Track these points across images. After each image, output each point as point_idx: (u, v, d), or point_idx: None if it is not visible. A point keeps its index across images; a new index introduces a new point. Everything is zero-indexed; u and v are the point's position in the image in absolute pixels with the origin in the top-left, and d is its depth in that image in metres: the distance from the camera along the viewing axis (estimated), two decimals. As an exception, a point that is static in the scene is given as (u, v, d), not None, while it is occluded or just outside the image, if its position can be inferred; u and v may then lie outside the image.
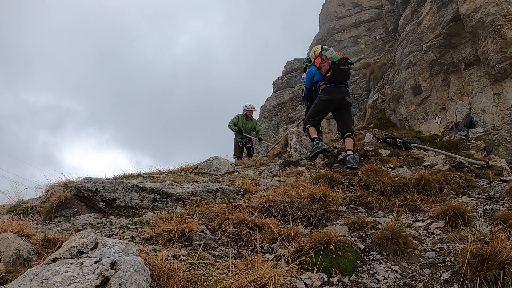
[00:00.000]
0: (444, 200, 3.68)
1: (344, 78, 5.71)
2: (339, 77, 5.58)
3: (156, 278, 1.45)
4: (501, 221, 2.74)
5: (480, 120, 14.41)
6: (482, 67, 14.25)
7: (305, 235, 2.28)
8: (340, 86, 5.67)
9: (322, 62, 5.71)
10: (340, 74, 5.56)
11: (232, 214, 2.59)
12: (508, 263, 1.84)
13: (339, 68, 5.56)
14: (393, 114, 19.78)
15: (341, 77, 5.62)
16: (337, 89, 5.61)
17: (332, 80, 5.59)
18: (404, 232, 2.43)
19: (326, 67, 5.62)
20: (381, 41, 27.51)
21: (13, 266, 1.64)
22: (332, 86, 5.63)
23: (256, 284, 1.54)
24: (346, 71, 5.64)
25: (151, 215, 2.78)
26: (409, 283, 1.94)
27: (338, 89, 5.62)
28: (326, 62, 5.63)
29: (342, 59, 5.69)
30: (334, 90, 5.61)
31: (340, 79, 5.63)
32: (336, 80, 5.57)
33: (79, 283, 1.23)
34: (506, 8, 12.81)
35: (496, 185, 4.77)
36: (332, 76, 5.55)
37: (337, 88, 5.62)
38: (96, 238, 1.52)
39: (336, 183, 3.87)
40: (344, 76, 5.65)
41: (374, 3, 28.59)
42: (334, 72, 5.54)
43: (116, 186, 3.14)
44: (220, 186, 3.79)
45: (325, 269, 1.95)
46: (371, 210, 3.39)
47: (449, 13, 14.92)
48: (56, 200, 2.97)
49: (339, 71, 5.55)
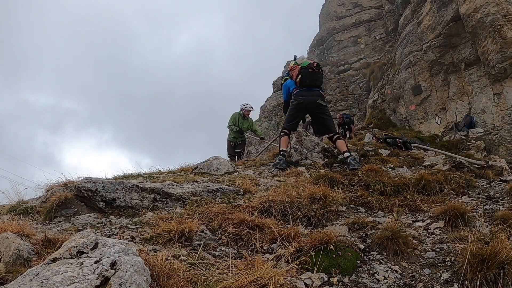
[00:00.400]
0: (444, 200, 3.68)
1: (314, 81, 5.68)
2: (308, 80, 5.61)
3: (156, 278, 1.45)
4: (501, 221, 2.74)
5: (480, 120, 14.41)
6: (482, 67, 14.25)
7: (305, 235, 2.28)
8: (311, 90, 5.66)
9: (293, 69, 5.85)
10: (309, 77, 5.60)
11: (232, 214, 2.59)
12: (508, 263, 1.84)
13: (308, 71, 5.63)
14: (393, 114, 19.78)
15: (311, 80, 5.63)
16: (308, 92, 5.63)
17: (302, 84, 5.65)
18: (404, 232, 2.43)
19: (296, 72, 5.75)
20: (381, 41, 27.52)
21: (13, 266, 1.64)
22: (302, 90, 5.67)
23: (256, 284, 1.54)
24: (315, 74, 5.68)
25: (151, 215, 2.78)
26: (409, 283, 1.95)
27: (309, 93, 5.63)
28: (296, 68, 5.77)
29: (312, 63, 5.78)
30: (305, 94, 5.63)
31: (310, 83, 5.64)
32: (306, 84, 5.62)
33: (79, 283, 1.23)
34: (506, 8, 12.81)
35: (496, 185, 4.77)
36: (302, 80, 5.62)
37: (308, 91, 5.63)
38: (96, 238, 1.52)
39: (336, 183, 3.87)
40: (313, 79, 5.66)
41: (374, 3, 28.59)
42: (303, 75, 5.62)
43: (116, 186, 3.14)
44: (220, 186, 3.79)
45: (325, 269, 1.95)
46: (371, 210, 3.39)
47: (449, 13, 14.93)
48: (56, 200, 2.96)
49: (308, 74, 5.61)
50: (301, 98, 5.62)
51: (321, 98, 5.72)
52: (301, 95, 5.64)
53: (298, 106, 5.66)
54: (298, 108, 5.70)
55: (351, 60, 27.80)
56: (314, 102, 5.61)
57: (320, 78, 5.76)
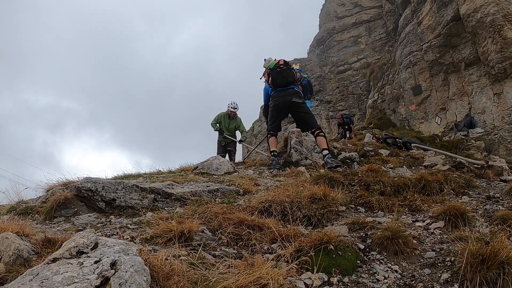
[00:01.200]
0: (444, 200, 3.68)
1: (285, 78, 5.63)
2: (279, 79, 5.61)
3: (156, 278, 1.45)
4: (501, 221, 2.74)
5: (480, 120, 14.41)
6: (482, 67, 14.25)
7: (305, 235, 2.28)
8: (284, 89, 5.64)
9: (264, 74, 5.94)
10: (278, 76, 5.60)
11: (232, 214, 2.59)
12: (508, 263, 1.84)
13: (276, 71, 5.64)
14: (393, 114, 19.78)
15: (281, 78, 5.62)
16: (282, 92, 5.63)
17: (275, 85, 5.67)
18: (404, 232, 2.43)
19: (266, 75, 5.83)
20: (381, 41, 27.52)
21: (13, 266, 1.64)
22: (277, 91, 5.69)
23: (256, 284, 1.54)
24: (284, 72, 5.64)
25: (151, 215, 2.78)
26: (409, 283, 1.95)
27: (283, 93, 5.63)
28: (266, 71, 5.84)
29: (278, 62, 5.76)
30: (279, 95, 5.65)
31: (281, 81, 5.63)
32: (278, 84, 5.63)
33: (79, 283, 1.23)
34: (506, 8, 12.81)
35: (496, 185, 4.77)
36: (273, 81, 5.65)
37: (282, 91, 5.63)
38: (96, 238, 1.52)
39: (336, 183, 3.87)
40: (283, 77, 5.62)
41: (374, 3, 28.60)
42: (272, 76, 5.66)
43: (116, 186, 3.14)
44: (220, 186, 3.79)
45: (325, 269, 1.95)
46: (371, 210, 3.39)
47: (449, 13, 14.93)
48: (56, 200, 2.96)
49: (277, 73, 5.62)
50: (276, 100, 5.66)
51: (296, 95, 5.64)
52: (276, 97, 5.67)
53: (275, 107, 5.70)
54: (275, 109, 5.72)
55: (351, 60, 27.80)
56: (289, 101, 5.58)
57: (290, 74, 5.67)
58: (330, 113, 24.58)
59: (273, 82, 5.65)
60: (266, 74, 5.81)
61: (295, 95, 5.64)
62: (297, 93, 5.70)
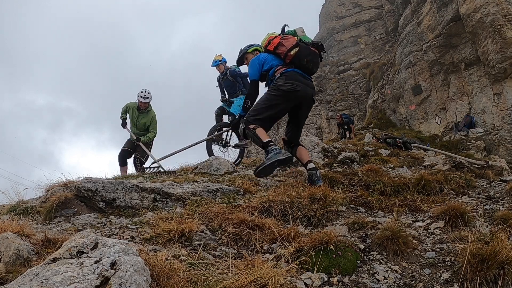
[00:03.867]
0: (444, 200, 3.68)
1: (315, 65, 4.06)
2: (306, 61, 3.93)
3: (156, 278, 1.45)
4: (501, 221, 2.74)
5: (480, 120, 14.42)
6: (482, 67, 14.26)
7: (305, 235, 2.28)
8: (307, 78, 4.04)
9: (283, 39, 4.03)
10: (309, 56, 3.95)
11: (232, 214, 2.60)
12: (508, 263, 1.84)
13: (309, 49, 4.01)
14: (393, 114, 19.79)
15: (310, 62, 3.98)
16: (305, 80, 3.96)
17: (297, 61, 3.92)
18: (404, 232, 2.43)
19: (291, 43, 3.96)
20: (381, 41, 27.54)
21: (13, 266, 1.64)
22: (297, 73, 3.91)
23: (256, 284, 1.54)
24: (316, 58, 4.08)
25: (151, 215, 2.78)
26: (409, 283, 1.95)
27: (306, 81, 3.97)
28: (291, 39, 4.03)
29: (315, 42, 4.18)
30: (301, 80, 3.89)
31: (308, 66, 3.97)
32: (302, 65, 3.94)
33: (79, 283, 1.23)
34: (506, 8, 12.81)
35: (496, 185, 4.78)
36: (298, 56, 3.91)
37: (305, 79, 3.97)
38: (96, 238, 1.52)
39: (336, 183, 3.88)
40: (315, 63, 4.04)
41: (374, 3, 28.62)
42: (301, 51, 3.92)
43: (116, 186, 3.14)
44: (220, 186, 3.79)
45: (325, 269, 1.95)
46: (371, 210, 3.40)
47: (449, 13, 14.93)
48: (56, 200, 2.97)
49: (308, 52, 3.98)
50: (297, 85, 3.82)
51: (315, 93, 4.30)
52: (298, 80, 3.86)
53: (290, 95, 3.81)
54: (288, 98, 3.83)
55: (351, 60, 27.82)
56: (310, 96, 4.03)
57: (318, 65, 4.13)
58: (330, 113, 24.60)
59: (298, 57, 3.91)
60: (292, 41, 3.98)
61: (315, 91, 4.23)
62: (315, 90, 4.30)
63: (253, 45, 4.55)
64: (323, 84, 27.50)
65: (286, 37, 4.07)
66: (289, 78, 3.85)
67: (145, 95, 7.21)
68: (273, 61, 4.05)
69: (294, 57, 3.92)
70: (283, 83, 3.82)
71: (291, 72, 3.90)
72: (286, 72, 3.89)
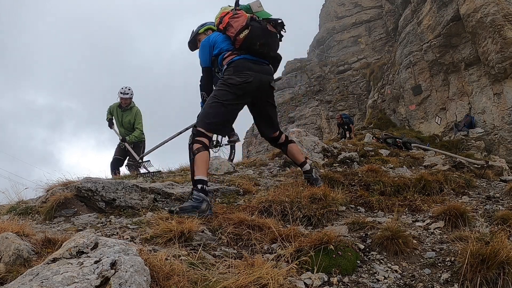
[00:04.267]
0: (444, 200, 3.68)
1: (270, 49, 3.31)
2: (260, 43, 3.19)
3: (156, 278, 1.45)
4: (501, 221, 2.75)
5: (480, 120, 14.43)
6: (482, 67, 14.26)
7: (305, 235, 2.28)
8: (261, 63, 3.31)
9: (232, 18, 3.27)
10: (262, 39, 3.19)
11: (232, 214, 2.60)
12: (508, 263, 1.84)
13: (265, 28, 3.24)
14: (393, 114, 19.79)
15: (265, 46, 3.23)
16: (258, 66, 3.27)
17: (248, 46, 3.20)
18: (404, 232, 2.43)
19: (240, 23, 3.21)
20: (381, 41, 27.55)
21: (13, 266, 1.64)
22: (247, 60, 3.22)
23: (256, 284, 1.54)
24: (274, 37, 3.33)
25: (151, 215, 2.78)
26: (409, 283, 1.95)
27: (259, 67, 3.27)
28: (241, 18, 3.24)
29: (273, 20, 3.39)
30: (254, 68, 3.23)
31: (261, 50, 3.23)
32: (254, 50, 3.22)
33: (79, 283, 1.23)
34: (506, 8, 12.82)
35: (496, 185, 4.78)
36: (250, 39, 3.17)
37: (258, 64, 3.28)
38: (96, 238, 1.52)
39: (336, 183, 3.88)
40: (270, 46, 3.29)
41: (374, 3, 28.63)
42: (253, 32, 3.17)
43: (116, 186, 3.14)
44: (220, 186, 3.79)
45: (325, 269, 1.95)
46: (371, 210, 3.40)
47: (449, 13, 14.93)
48: (56, 200, 2.97)
49: (263, 32, 3.22)
50: (248, 75, 3.16)
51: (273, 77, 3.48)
52: (249, 69, 3.20)
53: (240, 90, 3.16)
54: (239, 92, 3.17)
55: (351, 60, 27.83)
56: (266, 84, 3.32)
57: (277, 44, 3.40)
58: (330, 113, 24.61)
59: (250, 40, 3.17)
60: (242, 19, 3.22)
61: (272, 76, 3.44)
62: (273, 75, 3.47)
63: (205, 23, 3.86)
64: (323, 84, 27.51)
65: (237, 15, 3.28)
66: (238, 68, 3.18)
67: (125, 91, 6.98)
68: (223, 43, 3.34)
69: (244, 41, 3.19)
70: (230, 76, 3.17)
71: (240, 61, 3.21)
72: (234, 62, 3.21)
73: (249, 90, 3.21)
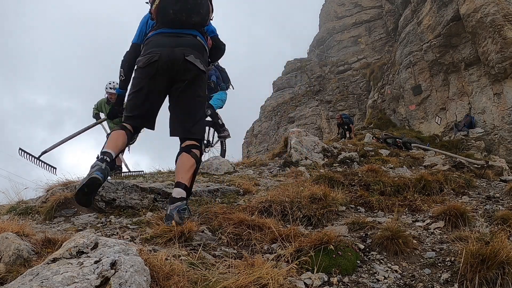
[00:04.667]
0: (444, 200, 3.68)
1: (188, 14, 2.69)
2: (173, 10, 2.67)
3: (156, 278, 1.45)
4: (501, 221, 2.75)
5: (480, 120, 14.42)
6: (482, 67, 14.26)
7: (305, 235, 2.28)
8: (177, 34, 2.74)
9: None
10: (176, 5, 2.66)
11: (232, 214, 2.60)
12: (508, 263, 1.84)
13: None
14: (393, 114, 19.79)
15: (180, 11, 2.67)
16: (169, 38, 2.72)
17: (162, 17, 2.73)
18: (404, 232, 2.43)
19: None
20: (381, 41, 27.54)
21: (13, 266, 1.64)
22: (161, 35, 2.75)
23: (256, 284, 1.54)
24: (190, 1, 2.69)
25: (151, 215, 2.78)
26: (409, 283, 1.95)
27: (173, 39, 2.72)
28: None
29: None
30: (165, 42, 2.71)
31: (177, 17, 2.69)
32: (170, 19, 2.71)
33: (79, 283, 1.23)
34: (506, 8, 12.82)
35: (496, 185, 4.78)
36: (162, 9, 2.69)
37: (170, 36, 2.73)
38: (96, 238, 1.52)
39: (336, 183, 3.88)
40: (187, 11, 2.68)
41: (374, 3, 28.63)
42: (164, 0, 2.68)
43: (116, 186, 3.14)
44: (220, 186, 3.79)
45: (325, 269, 1.95)
46: (371, 210, 3.40)
47: (449, 13, 14.93)
48: (56, 200, 2.97)
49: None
50: (154, 54, 2.66)
51: (196, 52, 2.72)
52: (158, 45, 2.70)
53: (147, 72, 2.69)
54: (146, 76, 2.70)
55: (351, 60, 27.84)
56: (181, 58, 2.65)
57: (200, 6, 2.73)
58: (330, 113, 24.61)
59: (162, 13, 2.71)
60: None
61: (194, 50, 2.73)
62: (199, 49, 2.78)
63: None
64: (323, 84, 27.52)
65: None
66: (146, 48, 2.76)
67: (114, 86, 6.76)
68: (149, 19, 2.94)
69: (157, 13, 2.73)
70: (139, 58, 2.77)
71: (151, 38, 2.78)
72: (146, 40, 2.81)
73: (159, 71, 2.65)
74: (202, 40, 2.84)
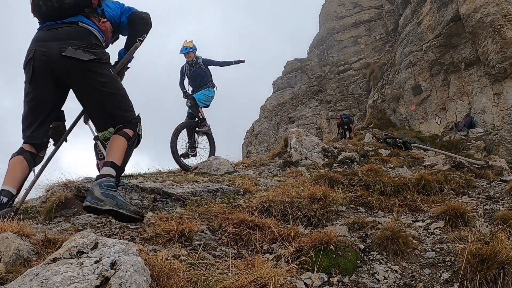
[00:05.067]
0: (444, 200, 3.68)
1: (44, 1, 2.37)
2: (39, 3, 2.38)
3: (156, 278, 1.45)
4: (501, 221, 2.75)
5: (480, 120, 14.42)
6: (482, 67, 14.26)
7: (305, 235, 2.28)
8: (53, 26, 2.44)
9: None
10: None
11: (232, 214, 2.59)
12: (508, 263, 1.84)
13: None
14: (393, 114, 19.79)
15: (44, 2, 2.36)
16: (45, 32, 2.45)
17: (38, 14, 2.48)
18: (404, 232, 2.43)
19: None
20: (381, 41, 27.54)
21: (13, 266, 1.64)
22: (38, 32, 2.50)
23: (256, 284, 1.54)
24: None
25: (151, 215, 2.78)
26: (409, 283, 1.95)
27: (45, 32, 2.45)
28: None
29: None
30: (38, 37, 2.45)
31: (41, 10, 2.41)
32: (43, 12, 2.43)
33: (79, 283, 1.23)
34: (506, 8, 12.82)
35: (496, 185, 4.78)
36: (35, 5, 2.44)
37: (46, 30, 2.45)
38: (96, 238, 1.52)
39: (336, 183, 3.88)
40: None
41: (374, 3, 28.62)
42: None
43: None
44: (220, 186, 3.79)
45: (325, 269, 1.95)
46: (371, 210, 3.40)
47: (449, 13, 14.93)
48: (56, 200, 2.97)
49: None
50: (28, 52, 2.41)
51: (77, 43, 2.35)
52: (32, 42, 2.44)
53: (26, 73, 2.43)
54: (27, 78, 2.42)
55: (351, 60, 27.83)
56: (57, 54, 2.32)
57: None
58: (330, 113, 24.61)
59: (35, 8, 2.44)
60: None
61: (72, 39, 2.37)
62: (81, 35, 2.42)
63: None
64: (323, 84, 27.52)
65: None
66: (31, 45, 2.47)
67: None
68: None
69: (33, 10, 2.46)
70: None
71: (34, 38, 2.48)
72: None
73: (33, 71, 2.35)
74: (88, 24, 2.47)
